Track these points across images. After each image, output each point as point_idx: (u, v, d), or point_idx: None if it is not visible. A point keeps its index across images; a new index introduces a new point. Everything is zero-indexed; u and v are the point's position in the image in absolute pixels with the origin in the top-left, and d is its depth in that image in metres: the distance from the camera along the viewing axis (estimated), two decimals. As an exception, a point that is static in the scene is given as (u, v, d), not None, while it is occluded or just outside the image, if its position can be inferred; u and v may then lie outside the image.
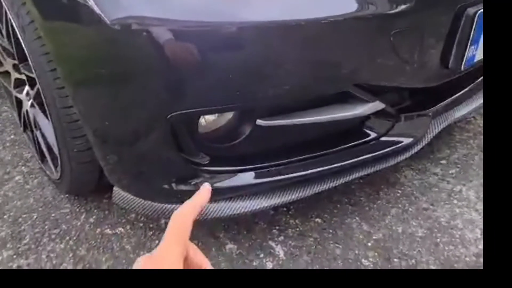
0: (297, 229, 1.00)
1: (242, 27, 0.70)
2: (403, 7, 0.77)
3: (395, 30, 0.78)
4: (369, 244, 0.95)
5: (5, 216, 1.09)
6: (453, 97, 1.00)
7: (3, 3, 0.91)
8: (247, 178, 0.83)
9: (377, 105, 0.86)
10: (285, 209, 1.04)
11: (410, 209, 1.03)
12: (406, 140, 0.94)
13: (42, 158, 1.15)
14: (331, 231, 0.99)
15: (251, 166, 0.83)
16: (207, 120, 0.84)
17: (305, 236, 0.98)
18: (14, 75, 1.18)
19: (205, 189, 0.58)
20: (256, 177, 0.83)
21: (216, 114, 0.84)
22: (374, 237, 0.96)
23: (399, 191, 1.08)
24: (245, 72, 0.73)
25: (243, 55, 0.72)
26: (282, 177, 0.84)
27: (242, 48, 0.72)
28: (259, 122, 0.81)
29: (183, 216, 0.52)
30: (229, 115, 0.83)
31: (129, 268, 0.94)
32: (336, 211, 1.03)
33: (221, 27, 0.69)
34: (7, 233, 1.04)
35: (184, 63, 0.70)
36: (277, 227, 1.00)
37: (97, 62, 0.75)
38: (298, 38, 0.74)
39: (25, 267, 0.96)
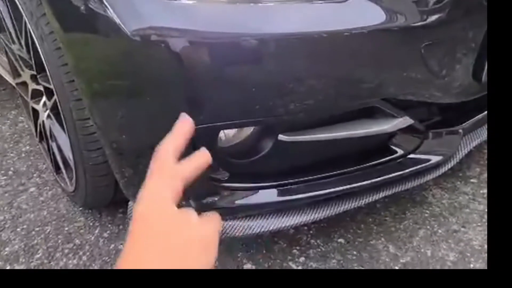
0: (319, 249, 0.95)
1: (263, 39, 0.67)
2: (434, 18, 0.73)
3: (426, 43, 0.74)
4: (396, 267, 0.90)
5: (18, 229, 1.07)
6: (485, 113, 0.95)
7: (23, 14, 0.91)
8: (269, 195, 0.79)
9: (406, 121, 0.82)
10: (306, 228, 1.00)
11: (439, 230, 0.97)
12: (435, 158, 0.89)
13: (57, 170, 1.13)
14: (355, 252, 0.93)
15: (273, 183, 0.79)
16: (227, 135, 0.81)
17: (327, 258, 0.93)
18: (32, 85, 1.17)
19: (184, 120, 0.50)
20: (278, 194, 0.79)
21: (236, 129, 0.80)
22: (401, 261, 0.91)
23: (427, 211, 1.02)
24: (266, 86, 0.70)
25: (264, 68, 0.69)
26: (305, 195, 0.80)
27: (264, 60, 0.69)
28: (281, 137, 0.77)
29: (164, 150, 0.45)
30: (249, 130, 0.80)
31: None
32: (360, 232, 0.98)
33: (242, 38, 0.67)
34: (20, 247, 1.02)
35: (204, 75, 0.67)
36: (297, 247, 0.96)
37: (115, 73, 0.73)
38: (323, 51, 0.71)
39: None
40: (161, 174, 0.44)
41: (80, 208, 1.11)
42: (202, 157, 0.49)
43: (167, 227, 0.40)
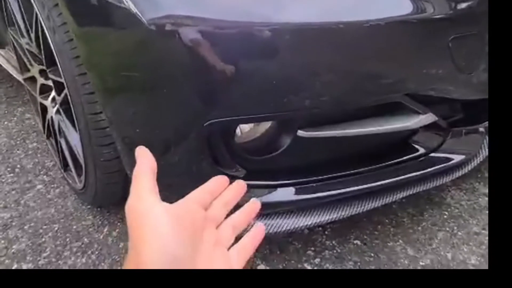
0: (335, 251, 0.92)
1: (282, 28, 0.65)
2: (463, 8, 0.70)
3: (454, 35, 0.71)
4: (416, 270, 0.87)
5: (25, 227, 1.04)
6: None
7: (34, 5, 0.88)
8: (287, 194, 0.76)
9: (430, 118, 0.79)
10: (321, 228, 0.97)
11: (459, 233, 0.94)
12: (458, 158, 0.86)
13: (65, 167, 1.10)
14: (372, 254, 0.90)
15: (291, 181, 0.77)
16: (243, 130, 0.78)
17: (343, 259, 0.90)
18: (40, 80, 1.15)
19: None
20: (296, 193, 0.76)
21: (253, 124, 0.78)
22: (421, 263, 0.88)
23: (446, 213, 0.99)
24: (285, 78, 0.67)
25: (282, 59, 0.67)
26: (324, 193, 0.77)
27: (281, 51, 0.66)
28: (300, 133, 0.74)
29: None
30: (267, 125, 0.77)
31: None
32: (377, 233, 0.95)
33: (260, 28, 0.64)
34: (27, 245, 0.99)
35: (223, 67, 0.65)
36: (312, 248, 0.93)
37: (130, 66, 0.70)
38: (345, 42, 0.68)
39: (44, 282, 0.90)
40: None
41: (88, 206, 1.09)
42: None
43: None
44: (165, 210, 0.41)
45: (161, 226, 0.39)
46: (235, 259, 0.45)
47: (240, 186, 0.52)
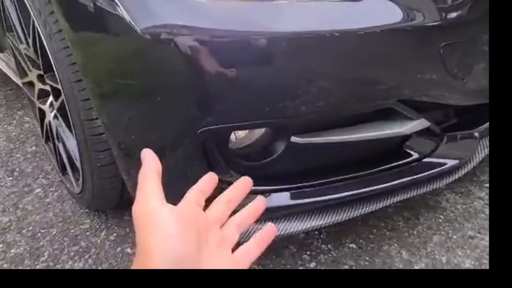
0: (330, 255, 0.92)
1: (276, 37, 0.65)
2: (454, 16, 0.71)
3: (445, 43, 0.72)
4: (410, 274, 0.87)
5: (23, 231, 1.05)
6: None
7: (31, 12, 0.89)
8: (282, 199, 0.77)
9: (423, 123, 0.79)
10: (316, 232, 0.97)
11: (454, 236, 0.94)
12: (451, 162, 0.87)
13: (63, 171, 1.11)
14: (367, 258, 0.91)
15: (285, 186, 0.77)
16: (237, 136, 0.79)
17: (339, 263, 0.90)
18: (38, 85, 1.16)
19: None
20: (291, 198, 0.77)
21: (248, 130, 0.78)
22: (415, 267, 0.88)
23: (441, 217, 0.99)
24: (278, 86, 0.68)
25: (276, 67, 0.68)
26: (318, 199, 0.78)
27: (276, 60, 0.67)
28: (294, 139, 0.75)
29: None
30: (261, 131, 0.78)
31: None
32: (373, 237, 0.96)
33: (254, 37, 0.65)
34: (25, 249, 1.00)
35: (215, 75, 0.65)
36: (308, 252, 0.93)
37: (124, 73, 0.71)
38: (339, 50, 0.69)
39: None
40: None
41: (86, 210, 1.09)
42: None
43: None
44: (171, 212, 0.41)
45: (168, 228, 0.40)
46: (240, 260, 0.44)
47: (244, 183, 0.50)
